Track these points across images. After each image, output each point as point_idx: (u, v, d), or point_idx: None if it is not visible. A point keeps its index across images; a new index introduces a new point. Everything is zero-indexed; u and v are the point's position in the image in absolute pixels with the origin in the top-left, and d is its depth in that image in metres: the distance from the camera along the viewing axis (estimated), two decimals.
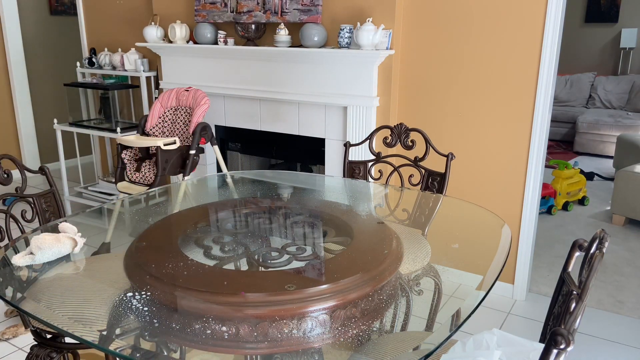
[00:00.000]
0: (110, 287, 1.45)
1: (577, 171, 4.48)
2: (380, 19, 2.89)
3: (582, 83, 7.06)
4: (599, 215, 4.34)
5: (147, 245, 1.34)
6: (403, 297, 1.46)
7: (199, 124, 3.21)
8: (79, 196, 4.25)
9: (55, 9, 5.36)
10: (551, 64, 2.61)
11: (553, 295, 1.30)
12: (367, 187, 2.29)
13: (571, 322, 1.01)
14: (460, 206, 2.14)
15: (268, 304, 1.07)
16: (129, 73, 4.03)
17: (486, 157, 2.88)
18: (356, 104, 2.98)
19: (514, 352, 1.16)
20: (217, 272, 1.24)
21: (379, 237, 1.44)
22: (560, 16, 2.56)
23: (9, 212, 1.78)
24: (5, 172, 1.82)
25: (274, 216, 1.68)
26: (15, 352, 2.42)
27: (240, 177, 2.55)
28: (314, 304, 1.08)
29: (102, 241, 1.89)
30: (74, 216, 2.04)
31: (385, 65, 2.94)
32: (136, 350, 1.12)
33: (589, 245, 1.15)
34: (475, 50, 2.79)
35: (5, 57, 4.93)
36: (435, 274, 1.61)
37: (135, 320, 1.21)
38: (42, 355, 1.58)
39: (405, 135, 2.23)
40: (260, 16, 3.23)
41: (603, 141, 6.29)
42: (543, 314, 2.79)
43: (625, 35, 6.91)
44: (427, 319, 1.37)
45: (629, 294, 3.02)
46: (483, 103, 2.83)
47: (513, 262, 2.92)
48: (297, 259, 1.33)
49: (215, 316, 1.06)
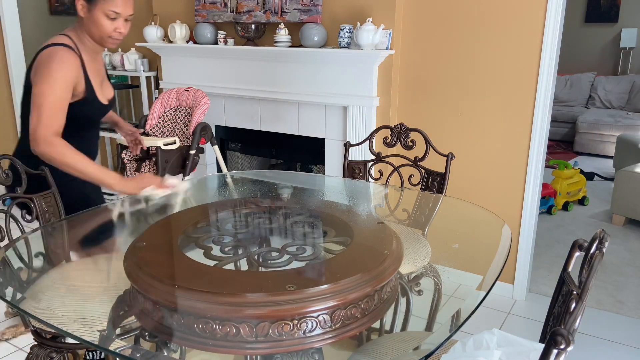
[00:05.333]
0: (110, 287, 1.45)
1: (577, 171, 4.48)
2: (380, 19, 2.89)
3: (582, 83, 7.06)
4: (599, 215, 4.34)
5: (147, 245, 1.34)
6: (403, 297, 1.46)
7: (199, 124, 3.21)
8: None
9: (55, 9, 5.36)
10: (551, 64, 2.61)
11: (553, 295, 1.30)
12: (367, 187, 2.29)
13: (571, 322, 1.01)
14: (460, 206, 2.14)
15: (268, 304, 1.07)
16: (129, 73, 4.03)
17: (486, 157, 2.88)
18: (356, 104, 2.98)
19: (514, 352, 1.16)
20: (217, 272, 1.23)
21: (379, 237, 1.44)
22: (560, 16, 2.56)
23: (9, 212, 1.78)
24: (5, 172, 1.82)
25: (274, 216, 1.68)
26: (15, 352, 2.42)
27: (240, 177, 2.55)
28: (314, 304, 1.08)
29: (103, 241, 1.89)
30: (74, 216, 2.04)
31: (385, 65, 2.94)
32: (136, 350, 1.12)
33: (589, 245, 1.15)
34: (475, 50, 2.79)
35: (5, 57, 4.93)
36: (435, 274, 1.61)
37: (135, 321, 1.21)
38: (42, 356, 1.58)
39: (405, 135, 2.23)
40: (260, 16, 3.23)
41: (603, 141, 6.29)
42: (543, 314, 2.78)
43: (625, 35, 6.91)
44: (427, 319, 1.37)
45: (629, 294, 3.02)
46: (483, 103, 2.83)
47: (513, 262, 2.92)
48: (297, 259, 1.33)
49: (215, 316, 1.06)
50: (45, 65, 1.75)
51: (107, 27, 1.80)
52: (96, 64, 1.94)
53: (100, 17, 1.78)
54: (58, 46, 1.79)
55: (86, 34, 1.85)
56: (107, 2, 1.76)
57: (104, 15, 1.78)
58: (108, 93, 2.02)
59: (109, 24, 1.79)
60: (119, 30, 1.82)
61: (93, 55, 1.92)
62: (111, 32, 1.81)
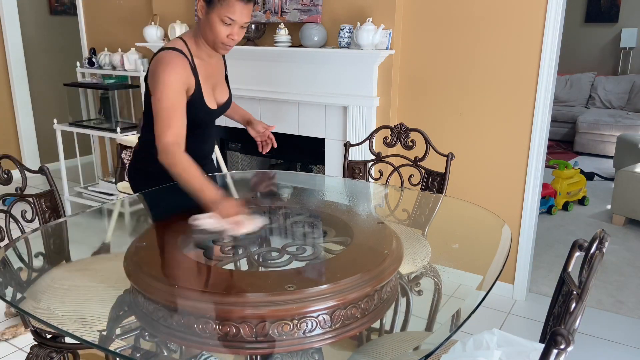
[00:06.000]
0: (110, 287, 1.45)
1: (577, 171, 4.48)
2: (380, 19, 2.89)
3: (582, 83, 7.06)
4: (599, 215, 4.34)
5: (147, 245, 1.34)
6: (403, 297, 1.46)
7: None
8: (79, 196, 4.25)
9: (55, 9, 5.35)
10: (551, 64, 2.61)
11: (553, 295, 1.30)
12: (367, 187, 2.29)
13: (571, 322, 1.01)
14: (460, 206, 2.14)
15: (268, 304, 1.07)
16: (129, 73, 4.03)
17: (486, 157, 2.88)
18: (356, 104, 2.98)
19: (514, 352, 1.16)
20: (217, 272, 1.24)
21: (379, 237, 1.44)
22: (560, 16, 2.56)
23: (9, 212, 1.78)
24: (5, 172, 1.82)
25: (274, 216, 1.68)
26: (15, 352, 2.42)
27: (240, 177, 2.54)
28: (314, 304, 1.08)
29: (102, 241, 1.89)
30: (74, 216, 2.05)
31: (385, 65, 2.94)
32: (136, 350, 1.12)
33: (589, 245, 1.15)
34: (475, 50, 2.79)
35: (5, 57, 4.93)
36: (435, 274, 1.61)
37: (135, 321, 1.21)
38: (42, 356, 1.58)
39: (405, 135, 2.23)
40: (260, 16, 3.23)
41: (603, 141, 6.29)
42: (543, 314, 2.78)
43: (625, 35, 6.91)
44: (427, 319, 1.37)
45: (629, 294, 3.02)
46: (483, 103, 2.83)
47: (513, 262, 2.92)
48: (297, 259, 1.33)
49: (215, 316, 1.06)
50: (155, 72, 1.75)
51: (221, 32, 1.75)
52: (209, 68, 1.91)
53: (216, 21, 1.74)
54: (168, 50, 1.78)
55: (201, 37, 1.82)
56: (224, 8, 1.71)
57: (220, 21, 1.74)
58: (221, 97, 1.99)
59: (224, 29, 1.75)
60: (233, 36, 1.77)
61: (207, 59, 1.89)
62: (224, 38, 1.77)
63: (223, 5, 1.70)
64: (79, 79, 4.47)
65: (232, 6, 1.70)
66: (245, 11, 1.74)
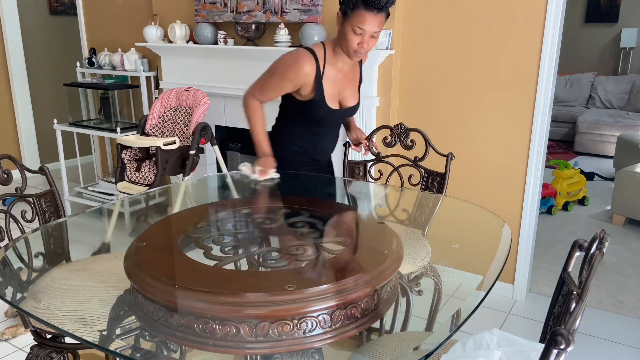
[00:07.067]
0: (110, 287, 1.45)
1: (577, 171, 4.48)
2: None
3: (582, 83, 7.06)
4: (599, 215, 4.34)
5: (147, 245, 1.34)
6: (403, 297, 1.46)
7: (199, 124, 3.21)
8: (79, 196, 4.25)
9: (55, 9, 5.35)
10: (551, 64, 2.61)
11: (553, 295, 1.30)
12: (367, 187, 2.29)
13: (571, 322, 1.01)
14: (460, 206, 2.14)
15: (268, 304, 1.07)
16: (128, 73, 4.03)
17: (486, 157, 2.88)
18: None
19: (514, 352, 1.16)
20: (217, 272, 1.23)
21: (379, 237, 1.44)
22: (560, 16, 2.56)
23: (9, 212, 1.78)
24: (5, 172, 1.82)
25: (274, 216, 1.68)
26: (15, 352, 2.42)
27: (240, 177, 2.54)
28: (314, 304, 1.08)
29: (102, 241, 1.89)
30: (74, 216, 2.05)
31: (385, 65, 2.94)
32: (136, 350, 1.12)
33: (589, 245, 1.15)
34: (475, 50, 2.79)
35: (5, 57, 4.93)
36: (435, 274, 1.61)
37: (135, 320, 1.21)
38: (42, 356, 1.58)
39: (405, 135, 2.23)
40: (260, 16, 3.23)
41: (603, 141, 6.29)
42: (543, 314, 2.78)
43: (625, 35, 6.91)
44: (427, 319, 1.37)
45: (629, 294, 3.02)
46: (483, 103, 2.83)
47: (513, 262, 2.92)
48: (297, 259, 1.33)
49: (215, 316, 1.06)
50: (282, 59, 2.03)
51: (352, 41, 1.90)
52: (340, 74, 2.06)
53: (348, 31, 1.89)
54: (304, 49, 2.00)
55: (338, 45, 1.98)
56: (356, 18, 1.85)
57: (352, 30, 1.88)
58: (348, 102, 2.14)
59: (355, 38, 1.89)
60: (363, 45, 1.90)
61: (340, 65, 2.04)
62: (355, 46, 1.91)
63: (355, 16, 1.86)
64: (79, 79, 4.47)
65: (363, 17, 1.85)
66: (375, 21, 1.86)
